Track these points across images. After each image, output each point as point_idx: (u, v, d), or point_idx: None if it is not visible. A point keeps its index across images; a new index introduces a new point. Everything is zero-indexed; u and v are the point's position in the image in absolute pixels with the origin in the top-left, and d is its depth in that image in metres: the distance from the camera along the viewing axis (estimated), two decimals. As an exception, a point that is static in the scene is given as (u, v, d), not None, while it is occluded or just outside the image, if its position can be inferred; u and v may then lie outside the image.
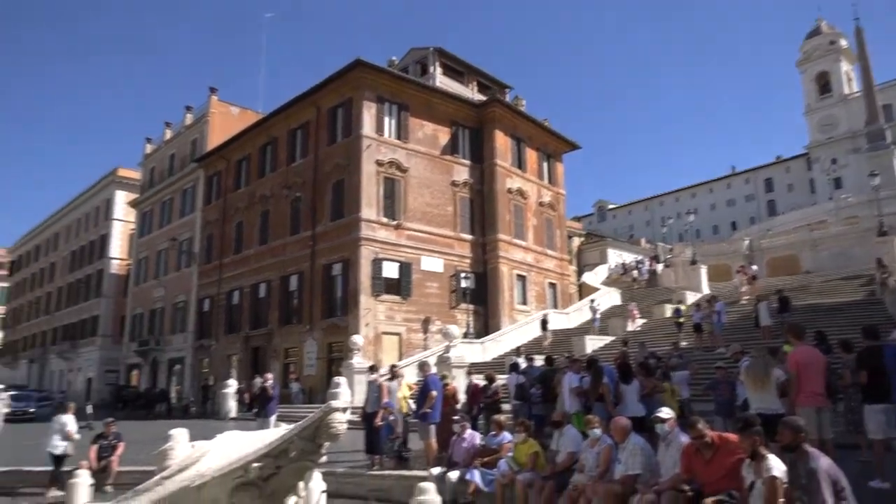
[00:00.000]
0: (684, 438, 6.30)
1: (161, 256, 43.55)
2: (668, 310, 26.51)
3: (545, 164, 37.04)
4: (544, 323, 27.91)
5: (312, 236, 29.73)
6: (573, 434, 8.21)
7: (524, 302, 32.99)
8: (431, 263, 29.67)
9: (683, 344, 20.44)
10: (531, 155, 35.75)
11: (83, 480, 9.17)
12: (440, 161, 31.24)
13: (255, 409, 17.11)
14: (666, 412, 6.79)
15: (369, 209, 27.90)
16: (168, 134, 46.72)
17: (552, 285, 35.75)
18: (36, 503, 6.50)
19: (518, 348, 21.16)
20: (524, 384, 12.72)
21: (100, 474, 10.53)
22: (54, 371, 55.91)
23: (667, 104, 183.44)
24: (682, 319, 23.08)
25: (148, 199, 46.75)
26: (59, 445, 11.23)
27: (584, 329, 28.50)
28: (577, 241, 49.77)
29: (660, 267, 41.55)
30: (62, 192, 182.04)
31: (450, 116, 32.11)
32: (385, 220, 28.42)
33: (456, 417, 10.44)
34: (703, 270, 36.19)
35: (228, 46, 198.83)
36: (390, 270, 28.16)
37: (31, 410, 30.77)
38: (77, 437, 11.47)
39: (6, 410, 20.87)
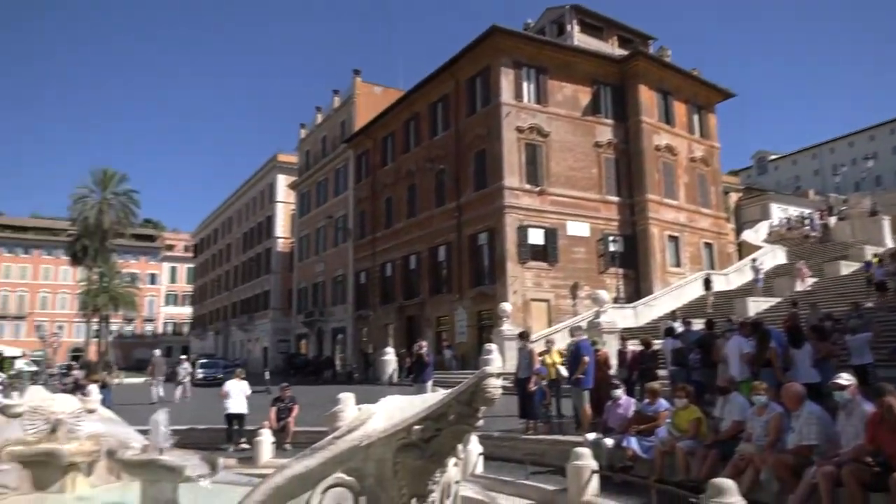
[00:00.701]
0: (868, 407, 5.73)
1: (320, 234, 46.46)
2: (845, 267, 24.05)
3: (695, 117, 34.68)
4: (707, 282, 26.48)
5: (457, 207, 30.21)
6: (740, 402, 7.75)
7: (677, 264, 31.40)
8: (577, 228, 29.09)
9: (868, 305, 18.39)
10: (679, 108, 33.62)
11: (266, 438, 10.11)
12: (582, 122, 30.32)
13: (413, 374, 17.87)
14: (846, 378, 6.20)
15: (512, 177, 27.81)
16: (319, 118, 49.42)
17: (708, 245, 33.67)
18: (220, 456, 7.38)
19: (673, 312, 20.33)
20: (682, 349, 12.18)
21: (279, 433, 11.56)
22: (236, 341, 62.03)
23: (832, 40, 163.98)
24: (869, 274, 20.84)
25: (305, 180, 49.92)
26: (231, 406, 12.51)
27: (746, 290, 26.64)
28: (734, 197, 46.30)
29: (833, 220, 37.71)
30: (232, 179, 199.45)
31: (590, 75, 30.97)
32: (528, 186, 28.20)
33: (615, 382, 10.26)
34: (886, 222, 32.32)
35: (367, 27, 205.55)
36: (536, 237, 27.99)
37: (219, 376, 34.33)
38: (244, 399, 12.70)
39: (188, 379, 23.45)
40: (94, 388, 13.67)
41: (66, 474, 6.98)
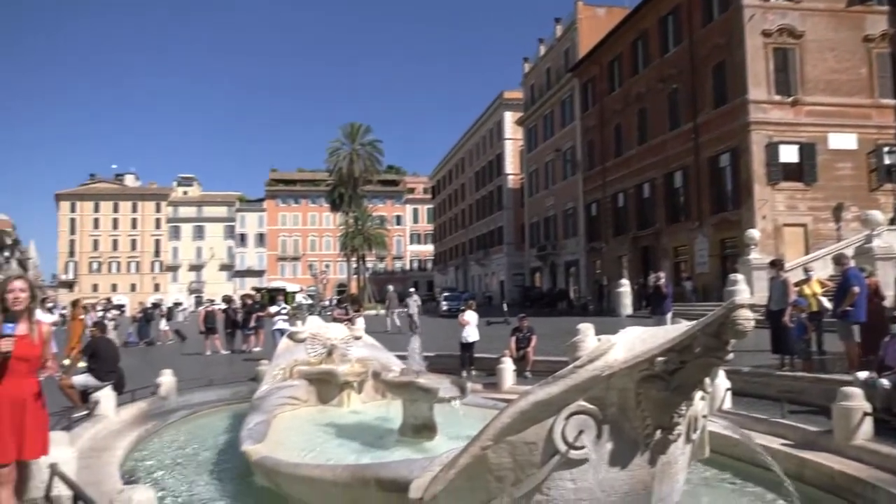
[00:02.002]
0: None
1: (548, 168, 46.47)
2: None
3: None
4: None
5: (694, 128, 27.99)
6: None
7: (981, 174, 25.79)
8: (841, 140, 25.22)
9: None
10: None
11: (507, 366, 10.63)
12: (846, 15, 25.79)
13: (650, 306, 17.35)
14: None
15: (758, 89, 24.85)
16: (542, 50, 48.66)
17: None
18: (456, 380, 7.96)
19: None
20: None
21: (519, 362, 12.06)
22: (474, 275, 65.54)
23: None
24: None
25: (531, 115, 49.91)
26: (469, 335, 13.24)
27: None
28: None
29: None
30: (463, 121, 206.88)
31: (857, -44, 26.03)
32: (778, 97, 25.01)
33: (893, 314, 8.93)
34: None
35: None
36: (788, 154, 24.91)
37: (462, 308, 36.71)
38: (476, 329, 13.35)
39: (416, 310, 24.87)
40: (360, 319, 15.48)
41: (342, 391, 8.10)
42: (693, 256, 28.25)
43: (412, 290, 27.05)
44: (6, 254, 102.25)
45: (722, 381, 7.11)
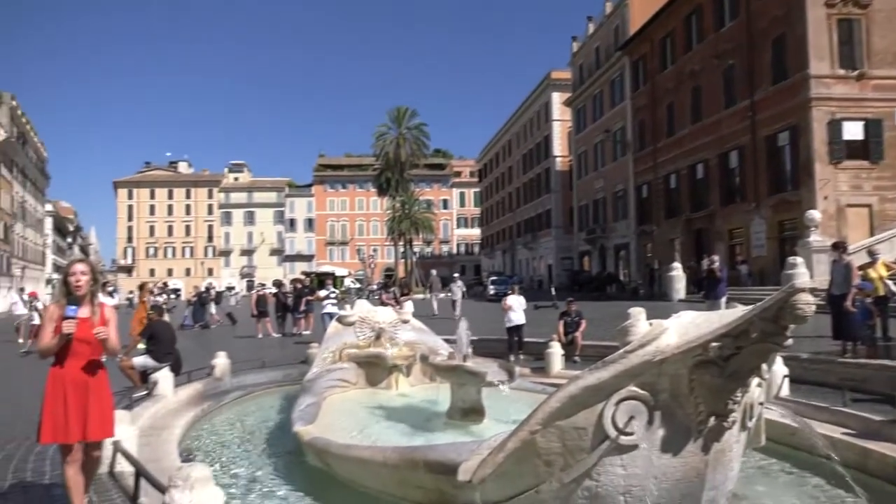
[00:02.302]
0: None
1: (597, 149, 45.70)
2: None
3: None
4: None
5: (750, 106, 27.05)
6: None
7: None
8: (911, 116, 24.00)
9: None
10: None
11: (555, 351, 10.58)
12: (918, -18, 24.41)
13: (703, 291, 16.96)
14: None
15: (820, 62, 23.81)
16: (591, 28, 47.66)
17: None
18: (504, 364, 7.93)
19: None
20: None
21: (567, 346, 11.98)
22: (521, 259, 65.21)
23: None
24: None
25: (580, 95, 49.06)
26: (514, 319, 13.17)
27: None
28: None
29: None
30: (509, 104, 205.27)
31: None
32: (842, 72, 23.92)
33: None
34: None
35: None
36: (853, 131, 23.84)
37: (509, 292, 36.64)
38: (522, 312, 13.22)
39: (461, 294, 24.65)
40: (409, 303, 15.58)
41: (390, 374, 8.22)
42: (749, 239, 27.43)
43: (456, 275, 26.94)
44: (69, 240, 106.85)
45: (780, 368, 6.92)
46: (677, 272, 27.13)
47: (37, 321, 16.32)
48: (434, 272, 29.24)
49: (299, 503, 4.80)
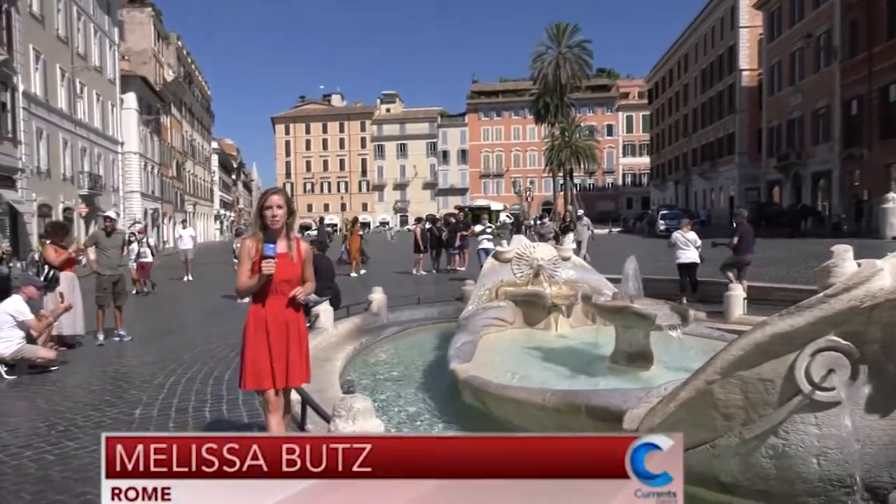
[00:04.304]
0: None
1: (795, 59, 41.54)
2: None
3: None
4: None
5: None
6: None
7: None
8: None
9: None
10: None
11: (737, 294, 10.05)
12: None
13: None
14: None
15: None
16: (790, -89, 42.55)
17: None
18: (677, 306, 7.60)
19: None
20: None
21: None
22: (697, 190, 61.79)
23: None
24: None
25: (774, -4, 44.49)
26: (682, 257, 12.48)
27: None
28: None
29: None
30: (685, 12, 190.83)
31: None
32: None
33: None
34: None
35: None
36: None
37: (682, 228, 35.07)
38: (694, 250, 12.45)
39: (588, 234, 23.09)
40: (569, 239, 15.44)
41: (549, 314, 8.27)
42: None
43: (581, 211, 25.30)
44: (233, 176, 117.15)
45: None
46: (893, 204, 24.56)
47: (149, 259, 17.09)
48: (570, 207, 27.99)
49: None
